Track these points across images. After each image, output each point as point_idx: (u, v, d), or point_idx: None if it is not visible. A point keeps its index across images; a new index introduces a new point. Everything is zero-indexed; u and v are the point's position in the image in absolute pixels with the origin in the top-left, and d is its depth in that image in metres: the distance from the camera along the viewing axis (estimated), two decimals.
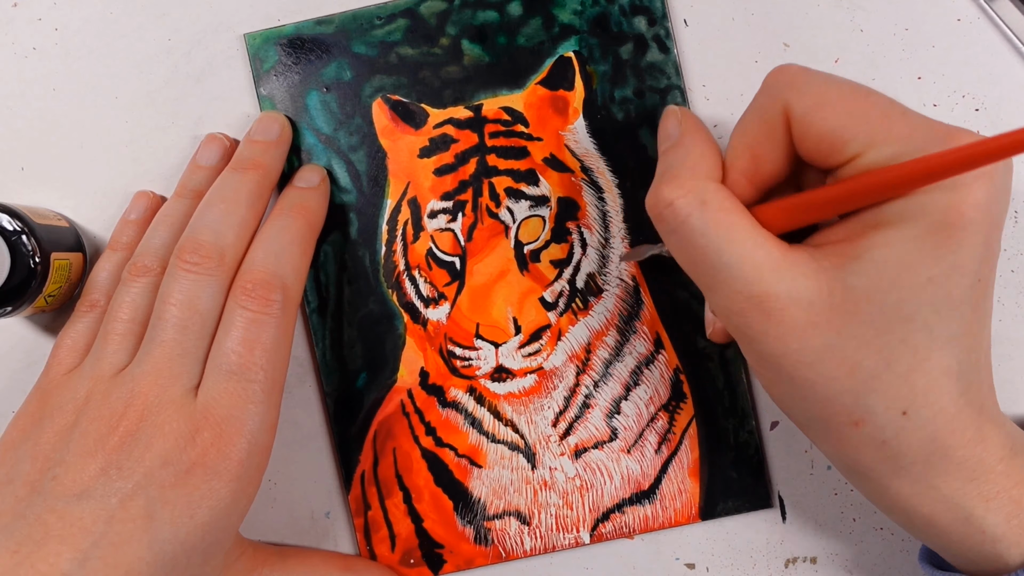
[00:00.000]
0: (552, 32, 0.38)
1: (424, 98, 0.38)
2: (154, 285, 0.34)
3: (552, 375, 0.38)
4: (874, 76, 0.38)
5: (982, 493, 0.29)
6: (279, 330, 0.33)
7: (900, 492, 0.30)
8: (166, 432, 0.31)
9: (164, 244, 0.35)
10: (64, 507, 0.30)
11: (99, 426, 0.31)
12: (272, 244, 0.34)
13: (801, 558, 0.39)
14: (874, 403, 0.29)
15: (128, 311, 0.34)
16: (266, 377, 0.33)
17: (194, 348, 0.32)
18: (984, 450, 0.29)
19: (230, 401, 0.32)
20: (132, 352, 0.33)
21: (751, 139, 0.31)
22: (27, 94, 0.39)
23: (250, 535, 0.39)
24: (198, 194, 0.36)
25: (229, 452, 0.31)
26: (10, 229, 0.35)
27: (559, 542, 0.38)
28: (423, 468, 0.39)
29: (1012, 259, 0.38)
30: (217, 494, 0.31)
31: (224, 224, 0.34)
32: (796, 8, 0.38)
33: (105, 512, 0.30)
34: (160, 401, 0.32)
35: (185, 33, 0.38)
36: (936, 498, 0.30)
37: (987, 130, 0.37)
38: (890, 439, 0.29)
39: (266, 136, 0.36)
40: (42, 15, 0.39)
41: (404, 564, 0.39)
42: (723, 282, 0.29)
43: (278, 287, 0.33)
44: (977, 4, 0.37)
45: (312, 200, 0.36)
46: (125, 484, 0.30)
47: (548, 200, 0.38)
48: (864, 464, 0.30)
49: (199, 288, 0.33)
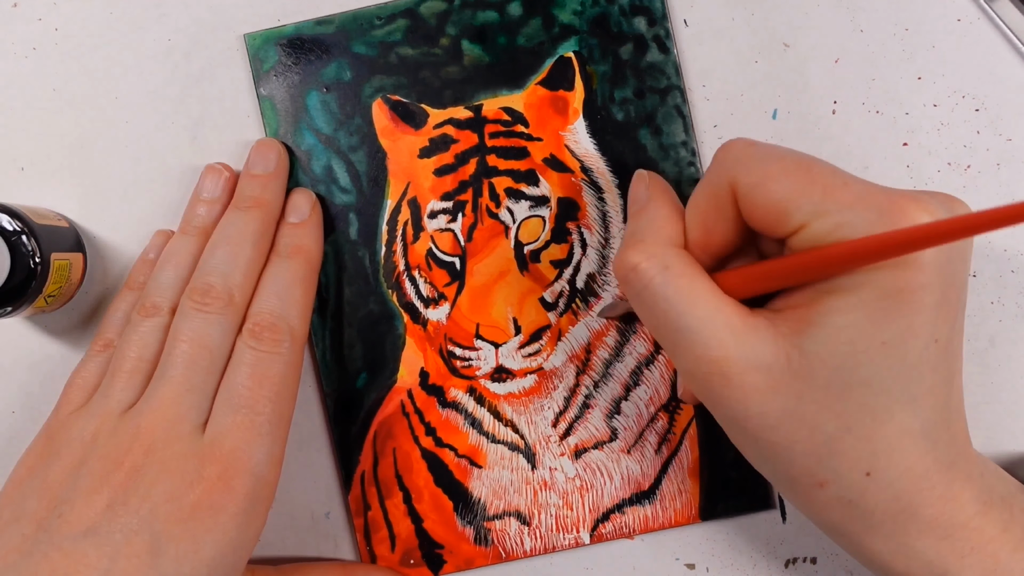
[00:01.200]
0: (552, 32, 0.38)
1: (424, 98, 0.38)
2: (163, 325, 0.35)
3: (552, 375, 0.38)
4: (874, 76, 0.38)
5: (956, 550, 0.30)
6: (287, 368, 0.34)
7: (874, 549, 0.30)
8: (172, 468, 0.31)
9: (172, 283, 0.36)
10: (70, 545, 0.30)
11: (105, 463, 0.31)
12: (276, 287, 0.35)
13: (801, 558, 0.39)
14: (837, 465, 0.29)
15: (136, 349, 0.34)
16: (273, 411, 0.33)
17: (202, 384, 0.33)
18: (955, 507, 0.29)
19: (237, 434, 0.32)
20: (140, 390, 0.34)
21: (701, 212, 0.32)
22: (27, 94, 0.39)
23: None
24: (202, 230, 0.37)
25: (235, 487, 0.31)
26: (10, 229, 0.35)
27: (559, 542, 0.38)
28: (423, 468, 0.39)
29: (1012, 259, 0.38)
30: (223, 529, 0.31)
31: (232, 265, 0.35)
32: (796, 8, 0.38)
33: (110, 549, 0.30)
34: (167, 437, 0.32)
35: (185, 33, 0.38)
36: (910, 555, 0.30)
37: (987, 130, 0.38)
38: (856, 499, 0.30)
39: (265, 168, 0.37)
40: (42, 15, 0.39)
41: (404, 564, 0.39)
42: (685, 346, 0.30)
43: (285, 329, 0.34)
44: (977, 4, 0.37)
45: (307, 238, 0.37)
46: (130, 521, 0.30)
47: (548, 200, 0.38)
48: (835, 522, 0.31)
49: (209, 326, 0.33)
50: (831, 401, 0.29)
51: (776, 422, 0.29)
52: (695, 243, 0.32)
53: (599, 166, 0.38)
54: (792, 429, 0.29)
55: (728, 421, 0.31)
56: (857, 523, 0.30)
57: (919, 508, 0.29)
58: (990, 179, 0.38)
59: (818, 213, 0.28)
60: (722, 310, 0.30)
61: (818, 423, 0.29)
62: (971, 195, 0.37)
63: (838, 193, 0.28)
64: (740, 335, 0.29)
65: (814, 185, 0.28)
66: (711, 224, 0.31)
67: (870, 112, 0.38)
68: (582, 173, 0.38)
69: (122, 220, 0.39)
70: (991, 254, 0.38)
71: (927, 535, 0.30)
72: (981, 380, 0.38)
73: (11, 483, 0.33)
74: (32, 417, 0.39)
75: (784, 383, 0.29)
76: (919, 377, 0.28)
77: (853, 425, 0.29)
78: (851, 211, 0.28)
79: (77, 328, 0.39)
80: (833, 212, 0.28)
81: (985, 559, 0.30)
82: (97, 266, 0.39)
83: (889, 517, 0.30)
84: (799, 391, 0.29)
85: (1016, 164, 0.38)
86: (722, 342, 0.29)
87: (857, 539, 0.31)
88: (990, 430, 0.38)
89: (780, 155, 0.30)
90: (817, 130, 0.38)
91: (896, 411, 0.29)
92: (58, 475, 0.32)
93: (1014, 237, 0.38)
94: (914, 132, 0.38)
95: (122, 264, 0.39)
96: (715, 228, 0.31)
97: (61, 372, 0.39)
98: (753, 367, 0.29)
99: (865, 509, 0.30)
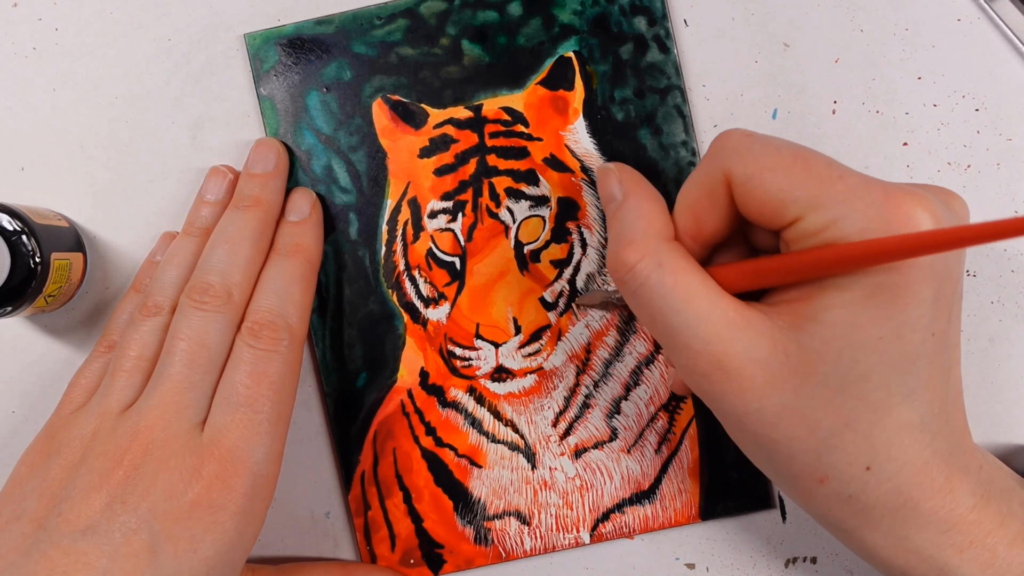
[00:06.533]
0: (552, 32, 0.38)
1: (424, 98, 0.38)
2: (164, 324, 0.35)
3: (552, 375, 0.38)
4: (874, 76, 0.38)
5: (955, 544, 0.30)
6: (286, 366, 0.34)
7: (874, 544, 0.30)
8: (171, 466, 0.31)
9: (173, 283, 0.36)
10: (69, 543, 0.30)
11: (104, 461, 0.31)
12: (275, 285, 0.35)
13: (801, 558, 0.39)
14: (837, 460, 0.29)
15: (136, 348, 0.34)
16: (272, 409, 0.33)
17: (201, 382, 0.33)
18: (953, 500, 0.30)
19: (236, 432, 0.32)
20: (139, 389, 0.34)
21: (693, 201, 0.31)
22: (27, 94, 0.39)
23: None
24: (205, 231, 0.37)
25: (234, 485, 0.31)
26: (10, 229, 0.35)
27: (559, 542, 0.38)
28: (423, 468, 0.39)
29: (1012, 259, 0.38)
30: (221, 527, 0.31)
31: (231, 264, 0.35)
32: (796, 8, 0.38)
33: (109, 547, 0.30)
34: (165, 435, 0.32)
35: (185, 33, 0.38)
36: (909, 549, 0.30)
37: (987, 130, 0.38)
38: (856, 494, 0.30)
39: (264, 167, 0.37)
40: (42, 15, 0.39)
41: (404, 564, 0.39)
42: (682, 342, 0.30)
43: (284, 327, 0.34)
44: (977, 4, 0.37)
45: (307, 236, 0.37)
46: (129, 519, 0.30)
47: (548, 200, 0.38)
48: (835, 517, 0.31)
49: (208, 324, 0.33)
50: (829, 396, 0.29)
51: (774, 418, 0.29)
52: (686, 232, 0.32)
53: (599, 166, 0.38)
54: (790, 424, 0.29)
55: (726, 417, 0.31)
56: (857, 518, 0.30)
57: (919, 502, 0.29)
58: (990, 179, 0.38)
59: (813, 206, 0.28)
60: (719, 305, 0.30)
61: (817, 418, 0.29)
62: (971, 195, 0.37)
63: (834, 187, 0.28)
64: (737, 330, 0.29)
65: (810, 178, 0.28)
66: (703, 214, 0.31)
67: (870, 112, 0.38)
68: (582, 173, 0.38)
69: (122, 220, 0.39)
70: (991, 254, 0.38)
71: (927, 529, 0.30)
72: (981, 380, 0.38)
73: (11, 482, 0.33)
74: (32, 417, 0.39)
75: (782, 378, 0.29)
76: (917, 370, 0.28)
77: (852, 420, 0.29)
78: (847, 205, 0.28)
79: (77, 328, 0.39)
80: (829, 206, 0.28)
81: (983, 552, 0.30)
82: (97, 266, 0.39)
83: (889, 511, 0.30)
84: (797, 386, 0.29)
85: (1016, 164, 0.38)
86: (720, 337, 0.29)
87: (857, 534, 0.31)
88: (990, 430, 0.38)
89: (777, 147, 0.29)
90: (817, 130, 0.38)
91: (895, 405, 0.29)
92: (58, 474, 0.32)
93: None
94: (914, 132, 0.38)
95: (123, 263, 0.39)
96: (707, 218, 0.31)
97: (61, 372, 0.39)
98: (751, 362, 0.29)
99: (865, 504, 0.30)
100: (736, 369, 0.29)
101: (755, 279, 0.30)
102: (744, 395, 0.29)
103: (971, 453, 0.31)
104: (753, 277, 0.30)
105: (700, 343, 0.29)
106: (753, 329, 0.29)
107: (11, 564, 0.30)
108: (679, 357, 0.30)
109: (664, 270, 0.30)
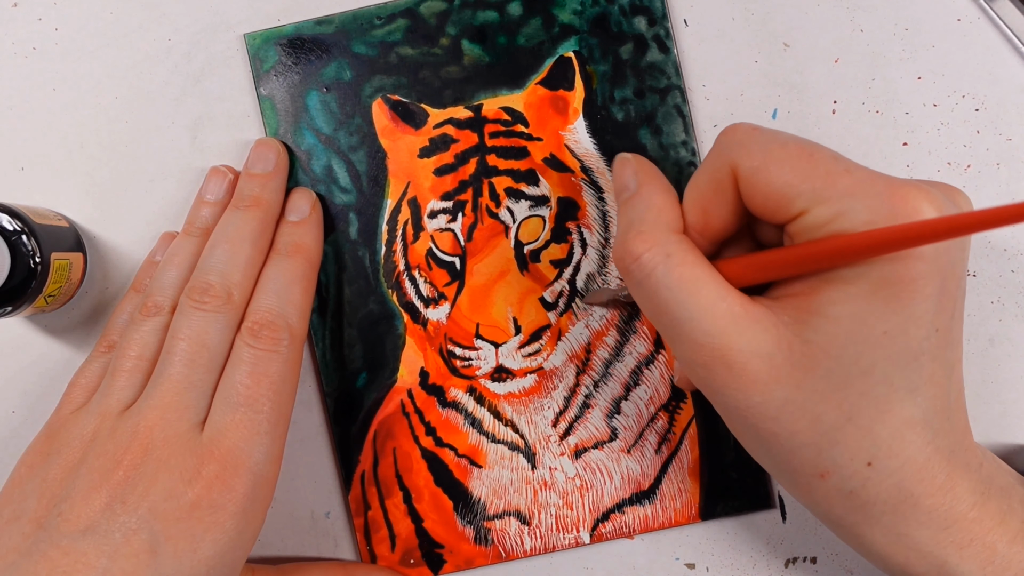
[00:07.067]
0: (552, 32, 0.38)
1: (424, 98, 0.38)
2: (164, 324, 0.35)
3: (552, 375, 0.38)
4: (874, 76, 0.38)
5: (955, 541, 0.30)
6: (286, 366, 0.34)
7: (874, 541, 0.30)
8: (171, 466, 0.31)
9: (173, 283, 0.36)
10: (69, 543, 0.30)
11: (104, 461, 0.31)
12: (275, 285, 0.35)
13: (801, 558, 0.39)
14: (838, 455, 0.29)
15: (136, 348, 0.34)
16: (272, 409, 0.33)
17: (201, 382, 0.33)
18: (954, 498, 0.30)
19: (236, 432, 0.32)
20: (139, 389, 0.34)
21: (700, 195, 0.31)
22: (27, 94, 0.39)
23: None
24: (205, 231, 0.37)
25: (234, 485, 0.31)
26: (10, 229, 0.35)
27: (559, 542, 0.38)
28: (423, 468, 0.39)
29: (1012, 259, 0.38)
30: (221, 527, 0.31)
31: (230, 264, 0.35)
32: (796, 8, 0.38)
33: (109, 547, 0.30)
34: (165, 435, 0.32)
35: (185, 33, 0.38)
36: (909, 546, 0.30)
37: (987, 130, 0.38)
38: (857, 489, 0.30)
39: (264, 167, 0.37)
40: (42, 15, 0.39)
41: (404, 564, 0.39)
42: (686, 334, 0.30)
43: (284, 327, 0.34)
44: (977, 4, 0.37)
45: (307, 236, 0.37)
46: (129, 519, 0.30)
47: (548, 200, 0.38)
48: (835, 513, 0.31)
49: (208, 324, 0.33)
50: (832, 391, 0.28)
51: (777, 412, 0.29)
52: (693, 226, 0.32)
53: (599, 166, 0.38)
54: (793, 419, 0.29)
55: (728, 411, 0.30)
56: (857, 514, 0.30)
57: (920, 498, 0.29)
58: (990, 179, 0.38)
59: (819, 200, 0.28)
60: (724, 298, 0.29)
61: (819, 413, 0.29)
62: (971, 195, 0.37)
63: (840, 180, 0.28)
64: (742, 324, 0.29)
65: (816, 171, 0.28)
66: (710, 208, 0.31)
67: (870, 112, 0.38)
68: (582, 173, 0.38)
69: (122, 220, 0.39)
70: (991, 254, 0.38)
71: (927, 526, 0.30)
72: (981, 380, 0.38)
73: (11, 482, 0.33)
74: (32, 417, 0.39)
75: (785, 372, 0.29)
76: (920, 366, 0.28)
77: (854, 415, 0.29)
78: (852, 199, 0.28)
79: (77, 328, 0.39)
80: (834, 199, 0.28)
81: (983, 550, 0.30)
82: (97, 266, 0.39)
83: (889, 508, 0.30)
84: (800, 380, 0.29)
85: (1016, 164, 0.38)
86: (724, 330, 0.29)
87: (856, 530, 0.31)
88: (990, 430, 0.38)
89: (783, 140, 0.29)
90: (817, 130, 0.38)
91: (897, 401, 0.29)
92: (58, 474, 0.32)
93: (1014, 237, 0.38)
94: (914, 132, 0.38)
95: (123, 263, 0.39)
96: (714, 212, 0.31)
97: (61, 372, 0.39)
98: (754, 356, 0.29)
99: (866, 499, 0.30)
100: (739, 363, 0.29)
101: (760, 272, 0.30)
102: (746, 389, 0.29)
103: (972, 450, 0.31)
104: (758, 270, 0.30)
105: (704, 336, 0.29)
106: (757, 323, 0.29)
107: (11, 564, 0.30)
108: (682, 349, 0.30)
109: (671, 261, 0.30)
